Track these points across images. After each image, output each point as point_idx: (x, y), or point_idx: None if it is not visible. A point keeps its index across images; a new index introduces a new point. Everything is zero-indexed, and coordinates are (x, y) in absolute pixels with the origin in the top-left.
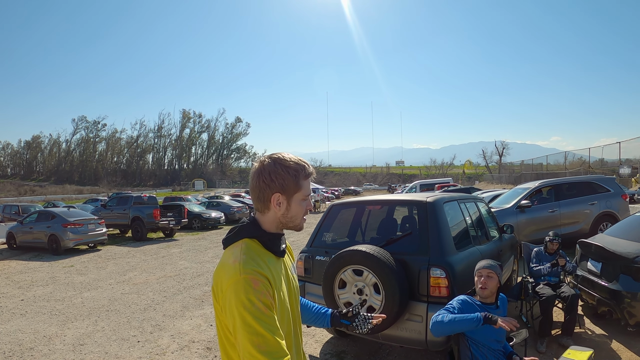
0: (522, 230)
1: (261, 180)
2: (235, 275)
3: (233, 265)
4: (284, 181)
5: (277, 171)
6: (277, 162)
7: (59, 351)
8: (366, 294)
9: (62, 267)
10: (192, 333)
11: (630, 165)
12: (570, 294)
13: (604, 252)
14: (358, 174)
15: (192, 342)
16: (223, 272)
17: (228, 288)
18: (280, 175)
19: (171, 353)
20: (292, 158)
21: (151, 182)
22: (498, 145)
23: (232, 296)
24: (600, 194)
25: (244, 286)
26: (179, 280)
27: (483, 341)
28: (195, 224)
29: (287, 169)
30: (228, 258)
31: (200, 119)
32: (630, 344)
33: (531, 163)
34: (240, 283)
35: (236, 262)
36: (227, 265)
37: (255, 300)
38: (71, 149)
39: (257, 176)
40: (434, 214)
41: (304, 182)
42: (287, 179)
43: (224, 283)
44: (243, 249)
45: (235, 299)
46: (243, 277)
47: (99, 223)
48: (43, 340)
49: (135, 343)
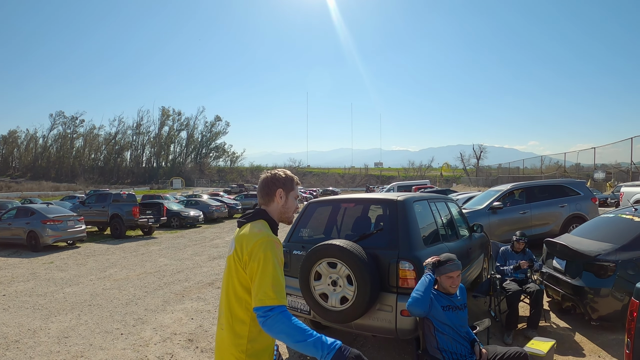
0: (495, 230)
1: (269, 180)
2: (265, 237)
3: (260, 232)
4: (284, 182)
5: (279, 176)
6: (278, 172)
7: (44, 343)
8: (340, 285)
9: (42, 264)
10: (173, 326)
11: (604, 170)
12: (535, 290)
13: (568, 250)
14: (336, 175)
15: (174, 334)
16: (252, 236)
17: (259, 245)
18: (281, 178)
19: (154, 344)
20: (287, 171)
21: (129, 179)
22: (476, 148)
23: (260, 249)
24: (571, 196)
25: (272, 245)
26: (159, 277)
27: (447, 329)
28: (173, 223)
29: (287, 176)
30: (254, 228)
31: (179, 117)
32: (592, 336)
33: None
34: (269, 242)
35: (262, 231)
36: (255, 233)
37: (278, 256)
38: (48, 145)
39: (267, 178)
40: (403, 212)
41: (296, 187)
42: (286, 181)
43: (254, 242)
44: (264, 224)
45: (264, 252)
46: (271, 239)
47: (78, 220)
48: (28, 333)
49: (118, 335)
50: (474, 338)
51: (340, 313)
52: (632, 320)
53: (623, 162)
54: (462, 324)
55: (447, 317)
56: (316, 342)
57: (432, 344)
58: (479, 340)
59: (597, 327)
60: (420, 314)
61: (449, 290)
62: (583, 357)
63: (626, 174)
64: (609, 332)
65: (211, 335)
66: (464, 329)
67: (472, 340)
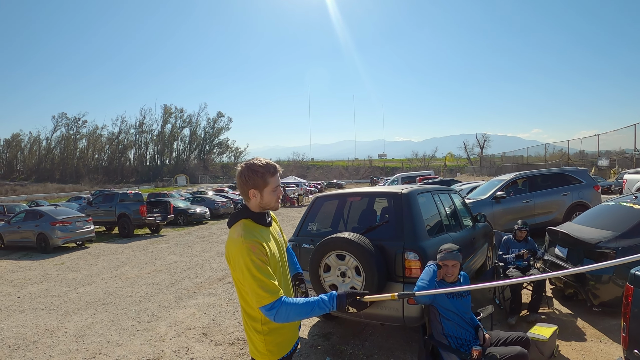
0: (498, 220)
1: (240, 180)
2: (240, 244)
3: (237, 238)
4: (254, 181)
5: (249, 174)
6: (249, 168)
7: (62, 342)
8: (348, 276)
9: (53, 265)
10: (187, 321)
11: (608, 157)
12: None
13: (569, 238)
14: (340, 168)
15: (188, 328)
16: (231, 243)
17: (236, 253)
18: (251, 177)
19: (169, 339)
20: (260, 162)
21: (133, 178)
22: (479, 137)
23: (239, 258)
24: (573, 185)
25: (247, 251)
26: (170, 274)
27: (452, 315)
28: (180, 220)
29: (256, 172)
30: (233, 233)
31: (181, 114)
32: (594, 322)
33: (512, 155)
34: (244, 249)
35: (239, 236)
36: (233, 239)
37: (255, 259)
38: (51, 147)
39: (238, 178)
40: (408, 204)
41: (271, 178)
42: (256, 179)
43: (234, 250)
44: (242, 226)
45: (242, 259)
46: (245, 245)
47: (87, 220)
48: (45, 333)
49: (134, 332)
50: (478, 324)
51: None
52: (627, 305)
53: (627, 149)
54: (466, 311)
55: (451, 304)
56: (320, 305)
57: (437, 329)
58: (482, 326)
59: (598, 313)
60: (426, 301)
61: (445, 278)
62: (585, 342)
63: (630, 161)
64: (610, 317)
65: (225, 329)
66: (468, 315)
67: (476, 326)
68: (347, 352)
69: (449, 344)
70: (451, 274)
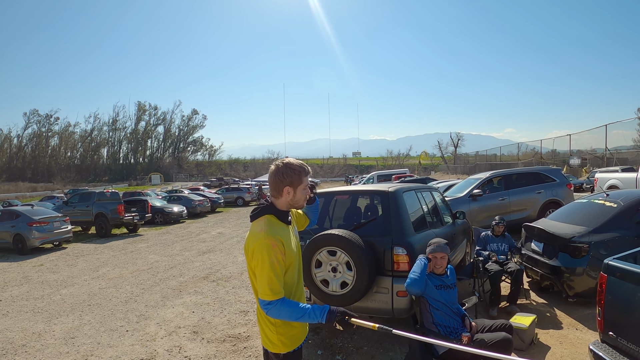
0: (475, 217)
1: (277, 177)
2: (261, 239)
3: (260, 233)
4: (291, 178)
5: (286, 172)
6: (287, 166)
7: (51, 345)
8: (340, 271)
9: (32, 267)
10: (176, 320)
11: (580, 156)
12: (516, 269)
13: (545, 234)
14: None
15: (178, 327)
16: (253, 237)
17: (257, 247)
18: (288, 174)
19: (160, 339)
20: (296, 162)
21: (106, 177)
22: (453, 136)
23: (258, 252)
24: (547, 183)
25: (268, 247)
26: (153, 273)
27: (441, 305)
28: (157, 219)
29: (293, 170)
30: (256, 227)
31: (156, 112)
32: (570, 311)
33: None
34: (264, 245)
35: (262, 231)
36: (255, 233)
37: (272, 257)
38: (23, 145)
39: (274, 175)
40: (395, 202)
41: (305, 178)
42: (293, 177)
43: (255, 243)
44: (265, 221)
45: (260, 254)
46: (266, 241)
47: (64, 220)
48: (33, 336)
49: (124, 332)
50: (464, 313)
51: (341, 297)
52: (601, 292)
53: (598, 148)
54: (453, 301)
55: (440, 295)
56: (310, 313)
57: (428, 319)
58: (468, 315)
59: (573, 303)
60: (417, 293)
61: (434, 270)
62: (562, 329)
63: (601, 160)
64: (584, 307)
65: (215, 327)
66: (455, 305)
67: (463, 315)
68: (336, 346)
69: (438, 331)
70: (440, 266)
